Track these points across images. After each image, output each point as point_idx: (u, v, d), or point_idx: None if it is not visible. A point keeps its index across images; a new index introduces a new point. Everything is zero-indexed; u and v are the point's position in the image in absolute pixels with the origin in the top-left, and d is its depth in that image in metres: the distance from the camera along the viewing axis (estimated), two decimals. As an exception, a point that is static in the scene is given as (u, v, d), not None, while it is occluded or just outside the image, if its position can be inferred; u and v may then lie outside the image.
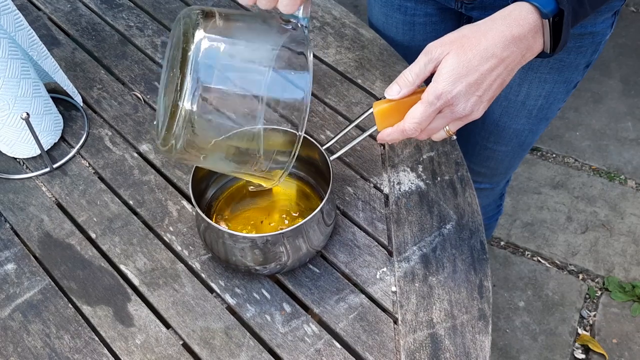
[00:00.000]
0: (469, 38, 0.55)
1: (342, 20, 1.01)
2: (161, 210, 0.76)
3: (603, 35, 0.78)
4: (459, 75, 0.54)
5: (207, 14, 0.52)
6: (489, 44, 0.54)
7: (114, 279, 0.70)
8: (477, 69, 0.54)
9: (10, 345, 0.65)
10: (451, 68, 0.54)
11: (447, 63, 0.54)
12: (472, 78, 0.54)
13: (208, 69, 0.49)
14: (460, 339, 0.65)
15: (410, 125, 0.57)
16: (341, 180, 0.79)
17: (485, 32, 0.55)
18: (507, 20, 0.55)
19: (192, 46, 0.49)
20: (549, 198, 1.73)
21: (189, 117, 0.49)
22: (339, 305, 0.68)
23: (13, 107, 0.74)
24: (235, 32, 0.52)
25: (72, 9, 1.03)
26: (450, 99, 0.55)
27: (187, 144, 0.52)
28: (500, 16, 0.56)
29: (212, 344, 0.65)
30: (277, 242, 0.63)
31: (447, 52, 0.55)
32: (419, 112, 0.56)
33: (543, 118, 0.90)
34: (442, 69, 0.55)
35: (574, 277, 1.57)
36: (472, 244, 0.72)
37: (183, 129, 0.50)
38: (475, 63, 0.54)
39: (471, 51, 0.54)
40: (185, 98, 0.48)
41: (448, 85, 0.54)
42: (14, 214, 0.76)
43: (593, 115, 1.94)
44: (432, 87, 0.55)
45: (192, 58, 0.48)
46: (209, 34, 0.50)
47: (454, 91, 0.55)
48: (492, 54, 0.54)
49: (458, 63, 0.54)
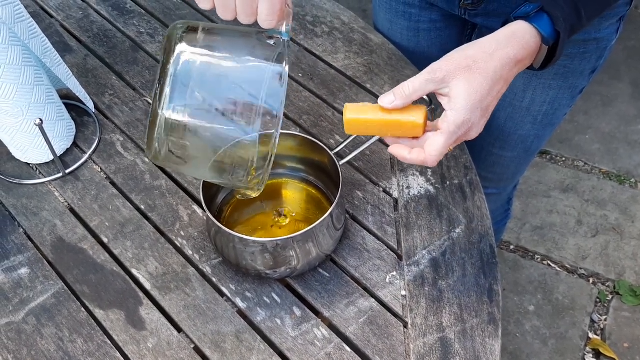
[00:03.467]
0: (476, 61, 0.54)
1: (350, 25, 1.01)
2: (172, 215, 0.77)
3: (608, 41, 0.78)
4: (475, 102, 0.54)
5: (191, 29, 0.54)
6: (497, 66, 0.54)
7: (126, 283, 0.71)
8: (489, 94, 0.54)
9: (25, 348, 0.66)
10: (467, 95, 0.54)
11: (460, 90, 0.54)
12: (485, 103, 0.55)
13: (184, 80, 0.52)
14: (470, 343, 0.65)
15: (432, 159, 0.56)
16: (351, 185, 0.79)
17: (492, 54, 0.54)
18: (512, 41, 0.55)
19: (172, 59, 0.52)
20: (558, 202, 1.72)
21: (167, 126, 0.53)
22: (349, 309, 0.68)
23: (27, 114, 0.75)
24: (214, 46, 0.54)
25: (84, 16, 1.04)
26: (470, 126, 0.55)
27: (167, 151, 0.55)
28: (504, 36, 0.55)
29: (223, 348, 0.65)
30: (287, 246, 0.64)
31: (454, 77, 0.54)
32: (441, 145, 0.55)
33: (548, 124, 0.90)
34: (457, 98, 0.54)
35: (584, 281, 1.56)
36: (482, 248, 0.73)
37: (163, 137, 0.53)
38: (487, 88, 0.54)
39: (481, 75, 0.54)
40: (163, 107, 0.52)
41: (467, 113, 0.54)
42: (28, 218, 0.77)
43: (603, 118, 1.93)
44: (452, 118, 0.54)
45: (170, 70, 0.51)
46: (189, 47, 0.52)
47: (473, 119, 0.55)
48: (499, 77, 0.55)
49: (471, 90, 0.54)
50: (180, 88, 0.52)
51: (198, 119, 0.53)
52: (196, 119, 0.53)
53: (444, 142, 0.55)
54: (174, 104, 0.52)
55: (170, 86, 0.51)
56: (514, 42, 0.55)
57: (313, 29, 1.01)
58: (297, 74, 0.94)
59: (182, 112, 0.52)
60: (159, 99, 0.52)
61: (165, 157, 0.56)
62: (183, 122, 0.53)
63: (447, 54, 0.56)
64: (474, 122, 0.55)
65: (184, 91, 0.52)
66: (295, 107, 0.89)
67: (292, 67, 0.95)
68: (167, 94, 0.52)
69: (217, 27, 0.57)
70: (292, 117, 0.88)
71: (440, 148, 0.55)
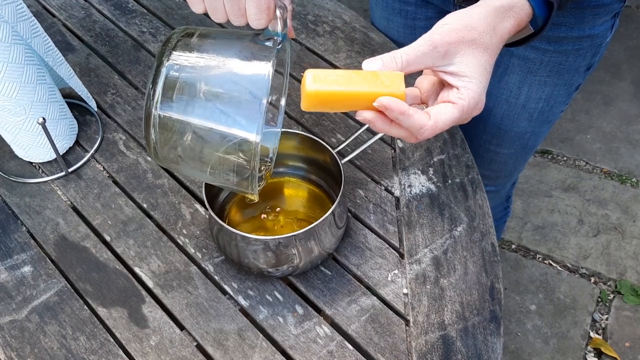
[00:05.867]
0: (481, 34, 0.51)
1: (352, 24, 1.01)
2: (175, 213, 0.77)
3: (603, 38, 0.78)
4: (486, 81, 0.52)
5: (188, 34, 0.55)
6: (498, 41, 0.52)
7: (129, 281, 0.71)
8: (491, 68, 0.53)
9: (28, 346, 0.66)
10: (479, 74, 0.51)
11: (470, 69, 0.51)
12: (489, 78, 0.53)
13: (176, 80, 0.53)
14: (472, 341, 0.65)
15: (436, 129, 0.51)
16: (352, 183, 0.80)
17: (494, 27, 0.51)
18: (509, 14, 0.52)
19: (165, 60, 0.53)
20: (560, 201, 1.72)
21: (160, 125, 0.54)
22: (351, 307, 0.68)
23: (29, 112, 0.76)
24: (207, 48, 0.55)
25: (86, 15, 1.04)
26: (480, 103, 0.53)
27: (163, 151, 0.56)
28: (501, 6, 0.52)
29: (226, 346, 0.66)
30: (289, 244, 0.64)
31: (458, 52, 0.50)
32: (454, 119, 0.51)
33: (545, 121, 0.90)
34: (469, 77, 0.51)
35: (585, 281, 1.56)
36: (483, 246, 0.73)
37: (158, 136, 0.54)
38: (491, 65, 0.52)
39: (486, 52, 0.51)
40: (154, 107, 0.53)
41: (482, 93, 0.52)
42: (30, 217, 0.77)
43: (604, 117, 1.93)
44: (469, 95, 0.51)
45: (163, 71, 0.52)
46: (182, 50, 0.54)
47: (483, 95, 0.52)
48: (497, 53, 0.53)
49: (481, 69, 0.51)
50: (172, 88, 0.53)
51: (190, 118, 0.53)
52: (189, 118, 0.53)
53: (458, 117, 0.51)
54: (165, 103, 0.53)
55: (162, 86, 0.52)
56: (510, 16, 0.52)
57: (315, 28, 1.01)
58: (299, 73, 0.94)
59: (174, 111, 0.53)
60: (152, 98, 0.53)
61: (162, 157, 0.56)
62: (175, 122, 0.53)
63: (446, 21, 0.51)
64: (482, 98, 0.52)
65: (175, 90, 0.53)
66: (297, 105, 0.89)
67: (294, 66, 0.95)
68: (159, 93, 0.53)
69: (214, 31, 0.57)
70: (294, 115, 0.88)
71: (451, 122, 0.51)
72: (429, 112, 0.51)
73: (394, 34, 0.98)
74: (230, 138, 0.54)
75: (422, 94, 0.56)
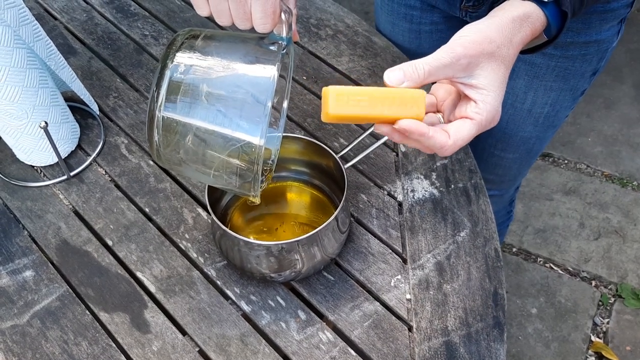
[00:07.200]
0: (499, 47, 0.51)
1: (354, 28, 1.01)
2: (177, 217, 0.77)
3: (609, 43, 0.78)
4: (502, 94, 0.52)
5: (192, 36, 0.55)
6: (514, 53, 0.52)
7: (131, 286, 0.71)
8: (507, 80, 0.53)
9: (29, 351, 0.66)
10: (496, 88, 0.51)
11: (489, 81, 0.51)
12: (504, 91, 0.53)
13: (180, 82, 0.53)
14: (475, 347, 0.65)
15: (456, 147, 0.51)
16: (355, 188, 0.79)
17: (511, 39, 0.51)
18: (525, 24, 0.52)
19: (169, 62, 0.53)
20: (561, 204, 1.72)
21: (164, 127, 0.54)
22: (354, 313, 0.68)
23: (31, 116, 0.75)
24: (211, 50, 0.55)
25: (88, 19, 1.04)
26: (497, 115, 0.53)
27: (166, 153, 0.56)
28: (518, 17, 0.52)
29: (228, 351, 0.65)
30: (292, 249, 0.64)
31: (478, 65, 0.50)
32: (472, 134, 0.51)
33: (550, 125, 0.90)
34: (488, 90, 0.51)
35: (586, 284, 1.56)
36: (487, 251, 0.73)
37: (161, 138, 0.54)
38: (507, 75, 0.52)
39: (503, 64, 0.51)
40: (158, 109, 0.53)
41: (499, 105, 0.52)
42: (32, 221, 0.77)
43: (605, 121, 1.93)
44: (486, 109, 0.51)
45: (167, 73, 0.52)
46: (186, 52, 0.54)
47: (499, 108, 0.52)
48: (512, 63, 0.53)
49: (498, 83, 0.51)
50: (176, 90, 0.53)
51: (194, 121, 0.53)
52: (192, 120, 0.53)
53: (475, 131, 0.51)
54: (169, 105, 0.53)
55: (166, 88, 0.52)
56: (526, 26, 0.52)
57: (317, 32, 1.01)
58: (302, 77, 0.94)
59: (177, 113, 0.53)
60: (155, 100, 0.53)
61: (165, 158, 0.56)
62: (179, 124, 0.53)
63: (465, 33, 0.51)
64: (499, 112, 0.52)
65: (179, 93, 0.53)
66: (300, 109, 0.89)
67: (297, 70, 0.95)
68: (163, 95, 0.53)
69: (218, 33, 0.57)
70: (297, 119, 0.88)
71: (469, 138, 0.51)
72: (448, 131, 0.51)
73: (399, 39, 0.97)
74: (234, 141, 0.53)
75: (438, 102, 0.57)
